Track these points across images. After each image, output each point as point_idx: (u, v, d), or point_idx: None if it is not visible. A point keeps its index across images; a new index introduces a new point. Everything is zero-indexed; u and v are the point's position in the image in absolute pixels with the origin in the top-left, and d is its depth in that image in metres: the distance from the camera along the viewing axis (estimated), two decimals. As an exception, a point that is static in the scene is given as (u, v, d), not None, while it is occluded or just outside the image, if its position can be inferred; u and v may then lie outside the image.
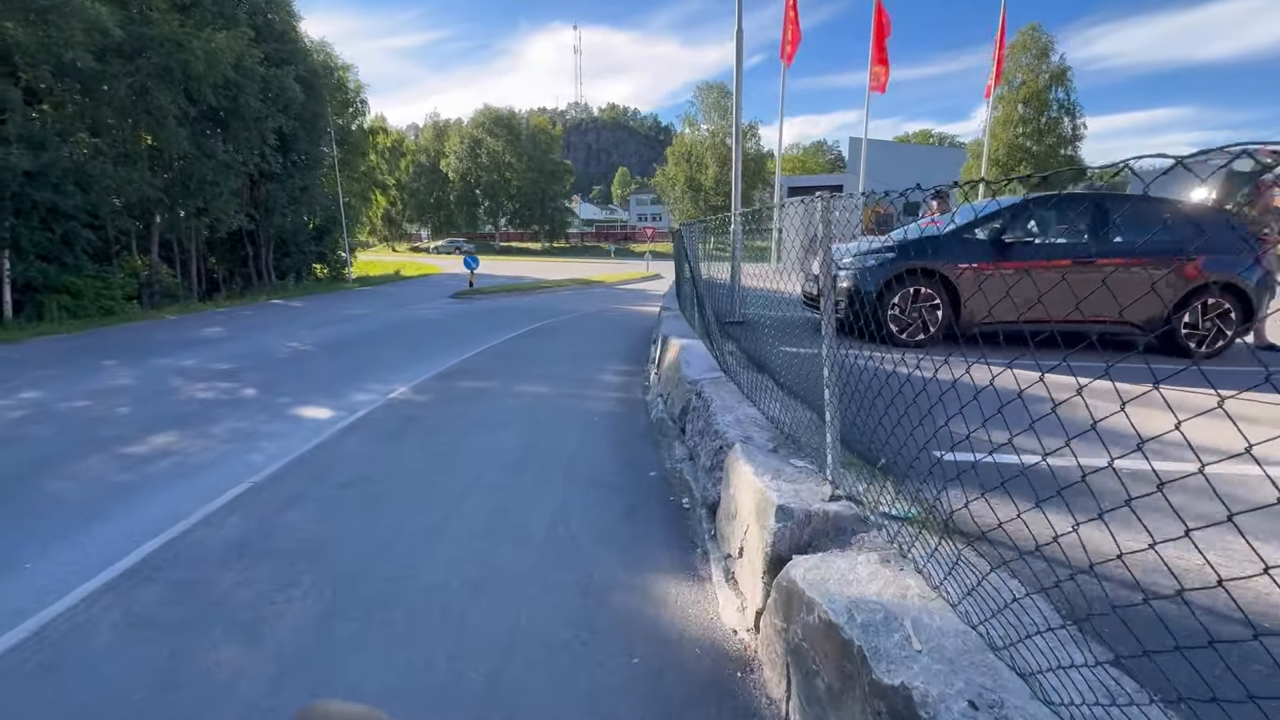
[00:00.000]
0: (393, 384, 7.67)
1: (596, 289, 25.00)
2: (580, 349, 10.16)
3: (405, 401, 6.63)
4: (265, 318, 15.84)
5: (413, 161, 68.83)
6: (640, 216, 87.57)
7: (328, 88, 26.51)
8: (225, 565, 3.13)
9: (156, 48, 15.82)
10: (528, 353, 9.81)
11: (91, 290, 17.68)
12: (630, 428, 5.53)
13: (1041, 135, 43.17)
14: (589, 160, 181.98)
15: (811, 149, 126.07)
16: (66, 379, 8.47)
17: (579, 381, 7.52)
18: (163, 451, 5.32)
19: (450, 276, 30.47)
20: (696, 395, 4.23)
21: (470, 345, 10.66)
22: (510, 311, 16.63)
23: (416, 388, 7.29)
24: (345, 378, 8.19)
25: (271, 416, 6.43)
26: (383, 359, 9.63)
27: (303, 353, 10.36)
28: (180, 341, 11.88)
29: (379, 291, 24.27)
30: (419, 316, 15.60)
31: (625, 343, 10.90)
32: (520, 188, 64.53)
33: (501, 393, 6.92)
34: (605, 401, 6.51)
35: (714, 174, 53.89)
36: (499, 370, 8.26)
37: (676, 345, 5.76)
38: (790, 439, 3.24)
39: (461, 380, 7.66)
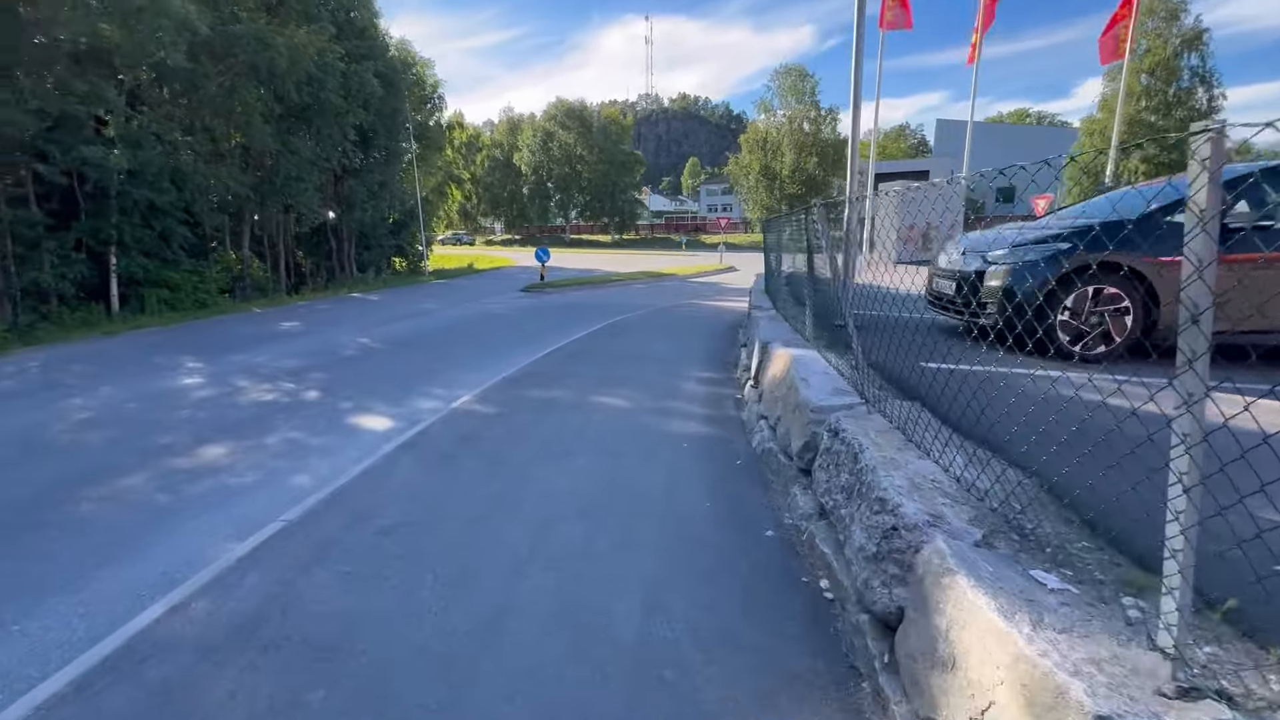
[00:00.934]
0: (456, 390, 7.01)
1: (669, 282, 24.01)
2: (658, 350, 9.23)
3: (467, 413, 5.90)
4: (341, 311, 15.89)
5: (488, 156, 70.13)
6: (710, 207, 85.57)
7: (406, 83, 26.78)
8: (223, 660, 2.39)
9: (244, 46, 16.09)
10: (601, 354, 8.98)
11: (188, 284, 18.42)
12: (727, 458, 4.53)
13: (1170, 108, 38.27)
14: (659, 151, 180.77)
15: (893, 134, 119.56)
16: (142, 376, 8.37)
17: (660, 392, 6.58)
18: (208, 468, 4.81)
19: (522, 270, 30.34)
20: (831, 433, 3.18)
21: (541, 344, 9.95)
22: (581, 307, 15.94)
23: (481, 395, 6.58)
24: (409, 380, 7.63)
25: (328, 425, 5.87)
26: (450, 358, 9.07)
27: (371, 350, 9.98)
28: (258, 336, 11.87)
29: (453, 285, 24.31)
30: (490, 311, 15.17)
31: (706, 343, 9.87)
32: (591, 180, 64.28)
33: (573, 405, 6.08)
34: (693, 420, 5.53)
35: (791, 161, 51.43)
36: (570, 375, 7.45)
37: (784, 356, 4.69)
38: (1010, 523, 2.15)
39: (530, 387, 6.90)
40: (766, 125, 53.58)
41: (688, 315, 13.88)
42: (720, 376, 7.38)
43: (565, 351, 9.23)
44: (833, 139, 52.16)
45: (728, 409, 5.88)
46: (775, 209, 53.62)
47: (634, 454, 4.64)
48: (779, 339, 5.62)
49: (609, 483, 4.08)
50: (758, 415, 5.08)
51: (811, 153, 51.12)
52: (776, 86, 52.61)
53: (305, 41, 17.24)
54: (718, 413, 5.74)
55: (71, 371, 8.96)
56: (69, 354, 10.51)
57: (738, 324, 12.18)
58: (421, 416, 5.94)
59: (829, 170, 51.73)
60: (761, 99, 53.69)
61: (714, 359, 8.55)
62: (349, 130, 21.45)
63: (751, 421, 5.25)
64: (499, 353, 9.37)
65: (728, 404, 6.06)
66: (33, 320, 13.64)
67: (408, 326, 12.61)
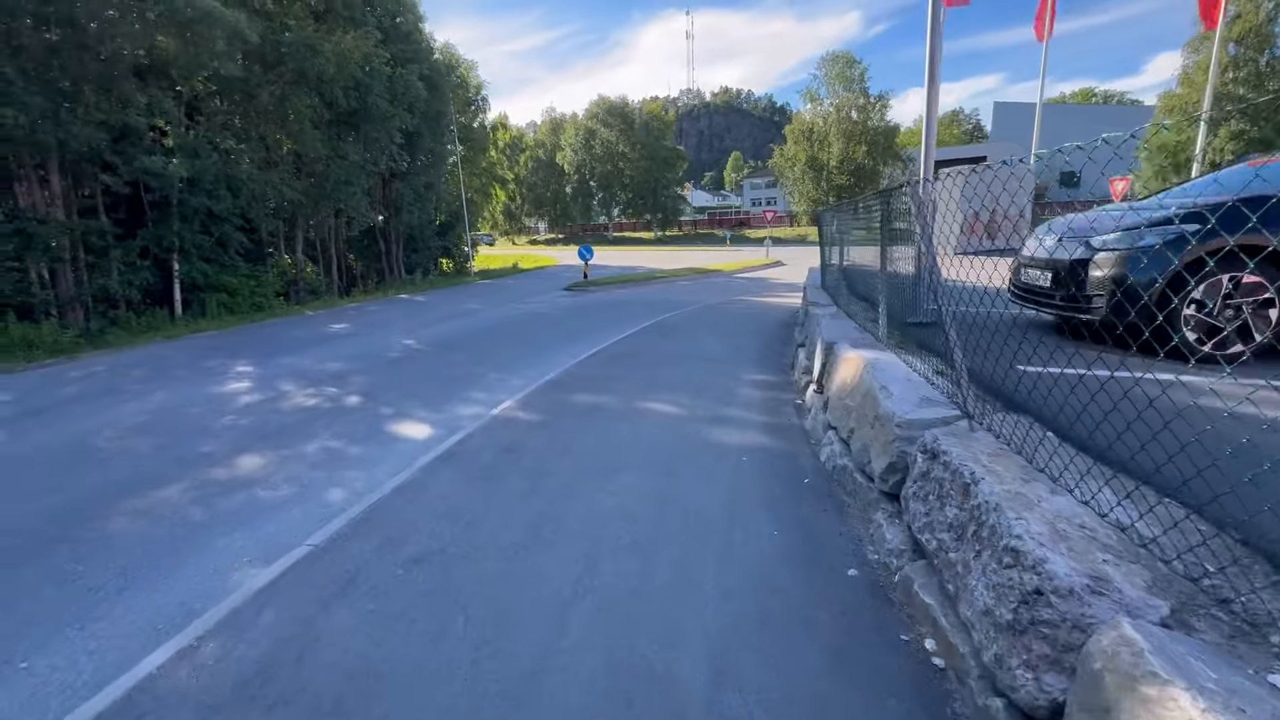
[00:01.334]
0: (498, 394, 6.73)
1: (714, 278, 23.42)
2: (707, 350, 8.75)
3: (508, 421, 5.58)
4: (389, 313, 16.00)
5: (531, 157, 70.76)
6: (754, 201, 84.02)
7: (450, 86, 27.02)
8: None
9: (293, 54, 16.39)
10: (648, 355, 8.56)
11: (245, 288, 18.98)
12: (793, 475, 4.04)
13: (1263, 79, 35.07)
14: (700, 146, 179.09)
15: (945, 119, 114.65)
16: (195, 380, 8.45)
17: (712, 396, 6.11)
18: (245, 479, 4.63)
19: (566, 268, 30.26)
20: (927, 455, 2.66)
21: (585, 344, 9.62)
22: (626, 305, 15.58)
23: (524, 400, 6.26)
24: (451, 384, 7.40)
25: (367, 433, 5.66)
26: (493, 360, 8.83)
27: (415, 352, 9.86)
28: (308, 339, 11.98)
29: (497, 285, 24.37)
30: (533, 311, 14.98)
31: (758, 342, 9.32)
32: (633, 177, 64.00)
33: (620, 412, 5.68)
34: (751, 429, 5.05)
35: (839, 151, 49.80)
36: (616, 379, 7.06)
37: (856, 360, 4.16)
38: (1204, 591, 1.62)
39: (574, 392, 6.54)
40: (813, 115, 52.05)
41: (737, 312, 13.33)
42: (777, 379, 6.85)
43: (610, 353, 8.86)
44: (882, 126, 50.27)
45: (788, 416, 5.37)
46: (822, 201, 52.03)
47: (688, 470, 4.20)
48: (845, 339, 5.07)
49: (661, 504, 3.66)
50: (824, 425, 4.56)
51: (860, 141, 49.36)
52: (823, 75, 51.00)
53: (351, 47, 17.46)
54: (777, 421, 5.24)
55: (131, 376, 9.15)
56: (132, 359, 10.79)
57: (790, 321, 11.57)
58: (461, 424, 5.66)
59: (878, 159, 49.88)
60: (808, 88, 52.18)
61: (768, 359, 8.01)
62: (395, 134, 21.70)
63: (817, 431, 4.73)
64: (542, 354, 9.09)
65: (787, 410, 5.54)
66: (103, 325, 14.21)
67: (452, 327, 12.51)
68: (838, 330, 5.52)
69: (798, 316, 10.48)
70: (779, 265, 28.20)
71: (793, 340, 9.20)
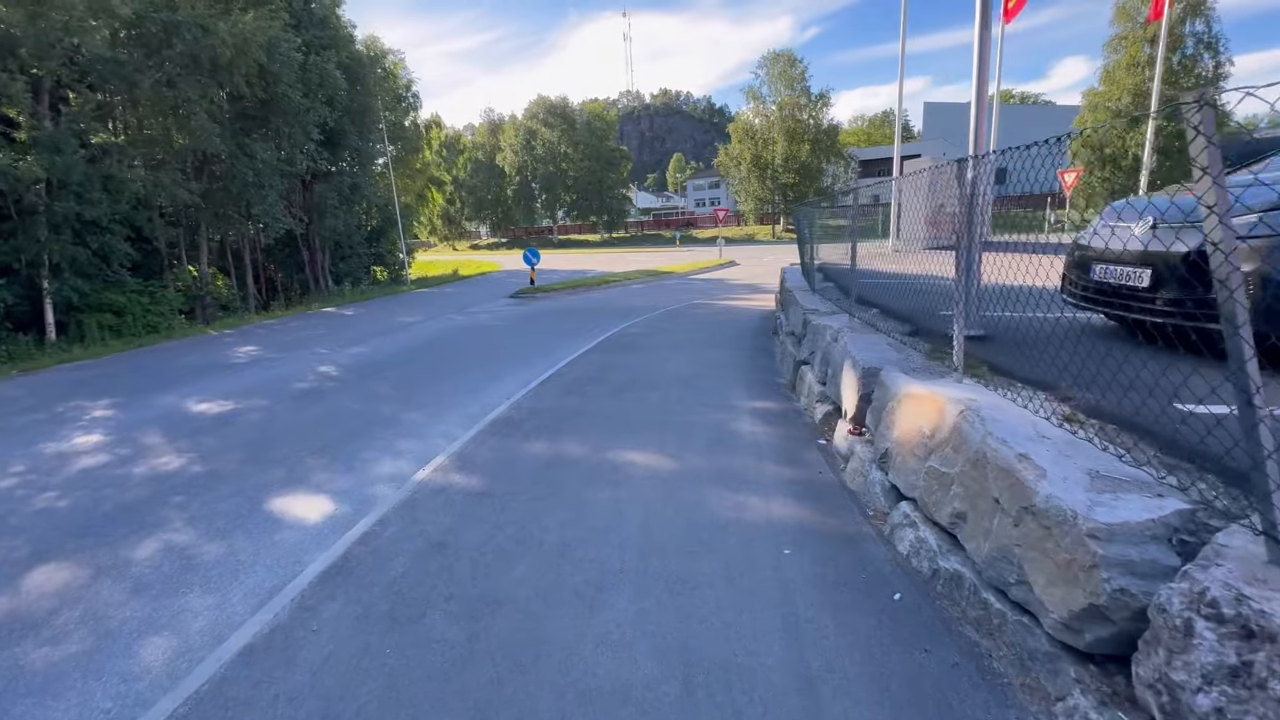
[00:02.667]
0: (429, 443, 5.18)
1: (670, 280, 22.22)
2: (683, 368, 7.43)
3: (440, 491, 4.06)
4: (309, 330, 13.96)
5: (469, 159, 68.02)
6: (698, 202, 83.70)
7: (375, 79, 24.78)
8: None
9: (181, 34, 14.11)
10: (614, 377, 7.15)
11: (136, 307, 16.46)
12: (869, 586, 2.71)
13: (1176, 77, 36.84)
14: (642, 148, 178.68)
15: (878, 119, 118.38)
16: (28, 432, 6.48)
17: (707, 437, 4.77)
18: (7, 628, 2.96)
19: (510, 274, 28.47)
20: (1226, 626, 1.41)
21: (537, 364, 8.13)
22: (580, 313, 14.10)
23: (461, 454, 4.74)
24: (368, 429, 5.78)
25: (237, 517, 4.02)
26: (425, 390, 7.21)
27: (330, 381, 8.11)
28: (203, 367, 9.95)
29: (436, 293, 22.39)
30: (476, 323, 13.29)
31: (737, 354, 8.07)
32: (577, 178, 62.31)
33: (591, 470, 4.25)
34: (774, 492, 3.73)
35: (783, 150, 49.71)
36: (580, 415, 5.63)
37: (936, 402, 2.90)
38: None
39: (528, 438, 5.06)
40: (756, 114, 51.85)
41: (703, 319, 12.08)
42: (778, 407, 5.58)
43: (568, 375, 7.39)
44: (825, 125, 50.50)
45: (815, 466, 4.08)
46: (768, 199, 51.86)
47: (708, 580, 2.82)
48: (887, 361, 3.84)
49: (684, 666, 2.26)
50: (884, 488, 3.28)
51: (804, 140, 49.44)
52: (765, 74, 50.89)
53: (253, 29, 15.27)
54: (805, 475, 3.94)
55: (-54, 429, 7.05)
56: (-41, 403, 8.56)
57: (765, 328, 10.40)
58: (374, 497, 4.10)
59: (822, 157, 50.07)
60: (750, 87, 51.95)
61: (758, 378, 6.75)
62: (312, 130, 19.45)
63: (870, 494, 3.45)
64: (486, 379, 7.54)
65: (811, 457, 4.25)
66: (-59, 359, 11.68)
67: (380, 347, 10.73)
68: (870, 349, 4.28)
69: (776, 322, 9.31)
70: (733, 265, 27.30)
71: (777, 352, 8.00)
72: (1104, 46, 39.78)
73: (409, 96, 32.63)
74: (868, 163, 56.85)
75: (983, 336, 4.31)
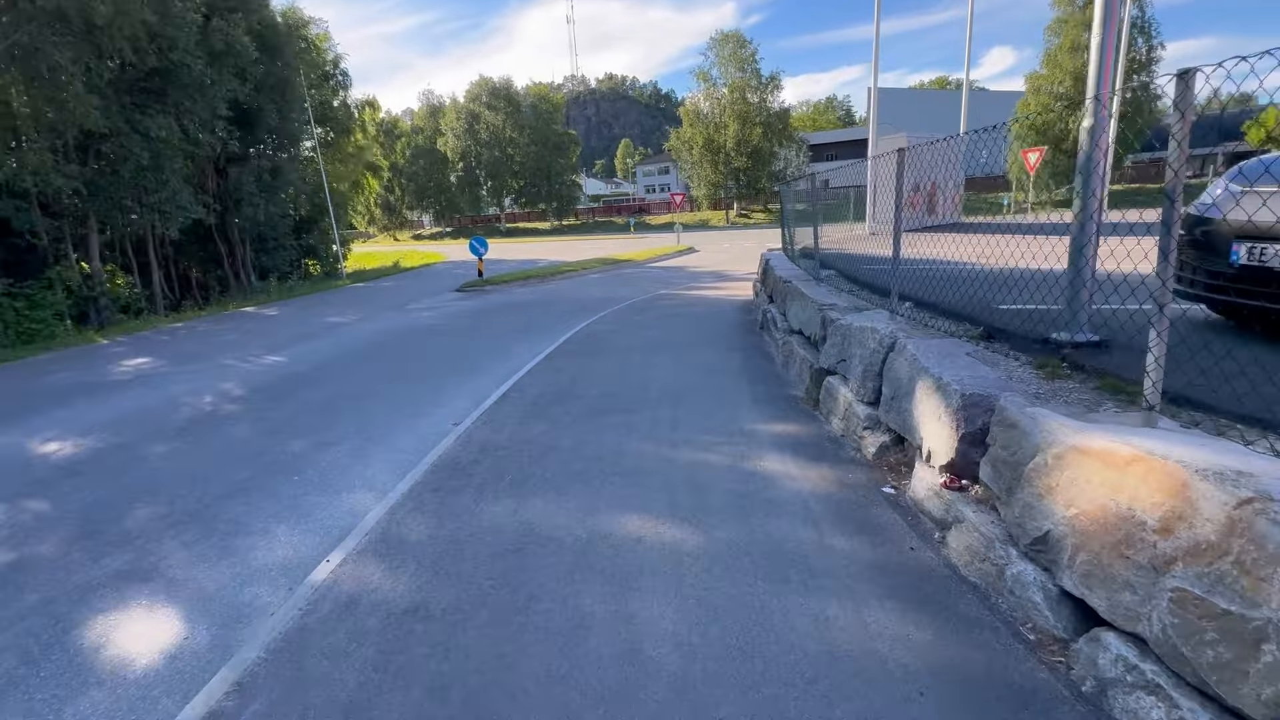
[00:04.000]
0: (345, 502, 3.78)
1: (628, 269, 20.92)
2: (670, 376, 6.19)
3: (344, 615, 2.67)
4: (219, 336, 12.01)
5: (409, 144, 64.40)
6: (648, 188, 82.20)
7: (295, 51, 22.28)
8: None
9: (42, -13, 11.76)
10: (588, 392, 5.84)
11: (9, 312, 14.05)
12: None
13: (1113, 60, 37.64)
14: (590, 134, 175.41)
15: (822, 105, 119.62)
16: None
17: (733, 490, 3.54)
18: None
19: (456, 265, 26.55)
20: None
21: (490, 375, 6.73)
22: (536, 307, 12.64)
23: (384, 533, 3.35)
24: (264, 480, 4.30)
25: (30, 661, 2.56)
26: (347, 417, 5.72)
27: (229, 405, 6.49)
28: (67, 389, 8.07)
29: (374, 289, 20.39)
30: (418, 323, 11.67)
31: (726, 356, 6.88)
32: (524, 163, 59.78)
33: (580, 564, 2.90)
34: (864, 593, 2.50)
35: (735, 133, 48.84)
36: (550, 455, 4.32)
37: (1158, 469, 1.80)
38: None
39: (482, 497, 3.71)
40: (707, 96, 50.73)
41: (674, 312, 10.86)
42: (805, 431, 4.40)
43: (528, 390, 6.04)
44: (776, 109, 49.84)
45: (896, 535, 2.91)
46: (721, 184, 50.96)
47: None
48: (1003, 388, 2.70)
49: None
50: (1062, 601, 2.13)
51: (756, 124, 48.67)
52: (715, 55, 49.74)
53: (133, -19, 12.96)
54: (891, 555, 2.75)
55: None
56: None
57: (748, 322, 9.26)
58: (240, 628, 2.70)
59: (774, 141, 49.44)
60: (700, 69, 50.73)
61: (764, 389, 5.57)
62: (220, 105, 17.10)
63: (1022, 602, 2.30)
64: (426, 398, 6.10)
65: (882, 516, 3.08)
66: None
67: (300, 355, 9.04)
68: (952, 363, 3.13)
69: (764, 317, 8.17)
70: (693, 252, 26.21)
71: (775, 353, 6.85)
72: (1045, 30, 40.43)
73: (337, 74, 29.95)
74: (818, 147, 56.67)
75: (1098, 343, 3.23)
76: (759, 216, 52.75)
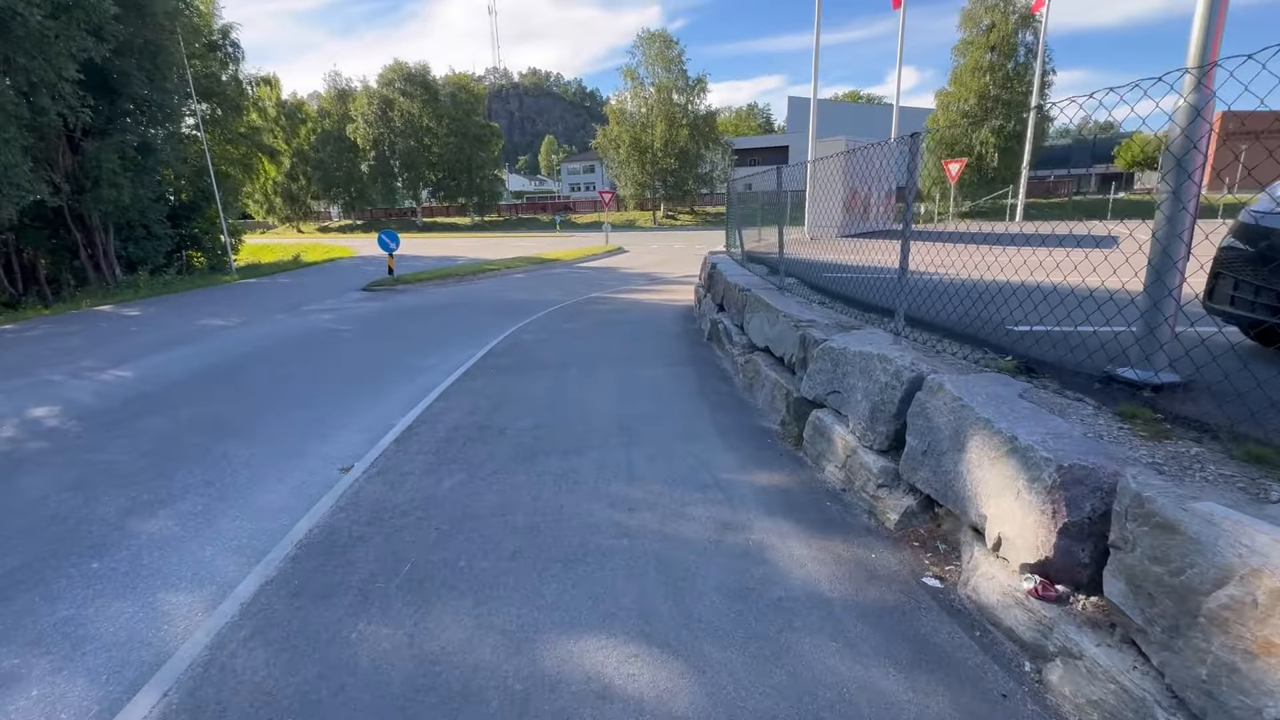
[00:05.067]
0: (154, 614, 2.54)
1: (556, 269, 19.74)
2: (614, 401, 5.21)
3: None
4: (56, 340, 9.82)
5: (315, 129, 59.55)
6: (573, 186, 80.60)
7: (169, 11, 19.38)
8: None
9: None
10: (515, 424, 4.75)
11: None
12: None
13: (1012, 82, 40.36)
14: (512, 129, 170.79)
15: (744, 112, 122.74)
16: None
17: (724, 583, 2.59)
18: None
19: (366, 260, 24.34)
20: None
21: (392, 399, 5.48)
22: (450, 311, 11.26)
23: (191, 700, 2.19)
24: (46, 575, 2.95)
25: None
26: (190, 465, 4.33)
27: (37, 441, 4.87)
28: None
29: (268, 285, 18.08)
30: (312, 327, 10.02)
31: (681, 373, 5.98)
32: (442, 155, 56.66)
33: None
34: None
35: (663, 133, 48.45)
36: (467, 527, 3.22)
37: None
38: None
39: (364, 609, 2.57)
40: (634, 95, 50.03)
41: (611, 318, 9.88)
42: (794, 482, 3.55)
43: (440, 423, 4.86)
44: (704, 111, 49.85)
45: (963, 661, 2.06)
46: (648, 184, 50.38)
47: None
48: (1141, 470, 1.93)
49: None
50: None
51: (682, 125, 48.48)
52: (642, 54, 49.11)
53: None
54: (971, 705, 1.93)
55: None
56: None
57: (690, 332, 8.43)
58: None
59: (701, 143, 49.42)
60: (627, 66, 49.96)
61: (729, 418, 4.70)
62: (67, 65, 14.41)
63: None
64: (305, 432, 4.79)
65: (938, 632, 2.23)
66: None
67: (154, 370, 7.32)
68: (1012, 413, 2.35)
69: (717, 328, 7.36)
70: (622, 252, 25.30)
71: (733, 369, 6.03)
72: (952, 51, 42.64)
73: (226, 45, 26.78)
74: (742, 151, 57.32)
75: (1182, 384, 2.55)
76: (685, 219, 52.67)
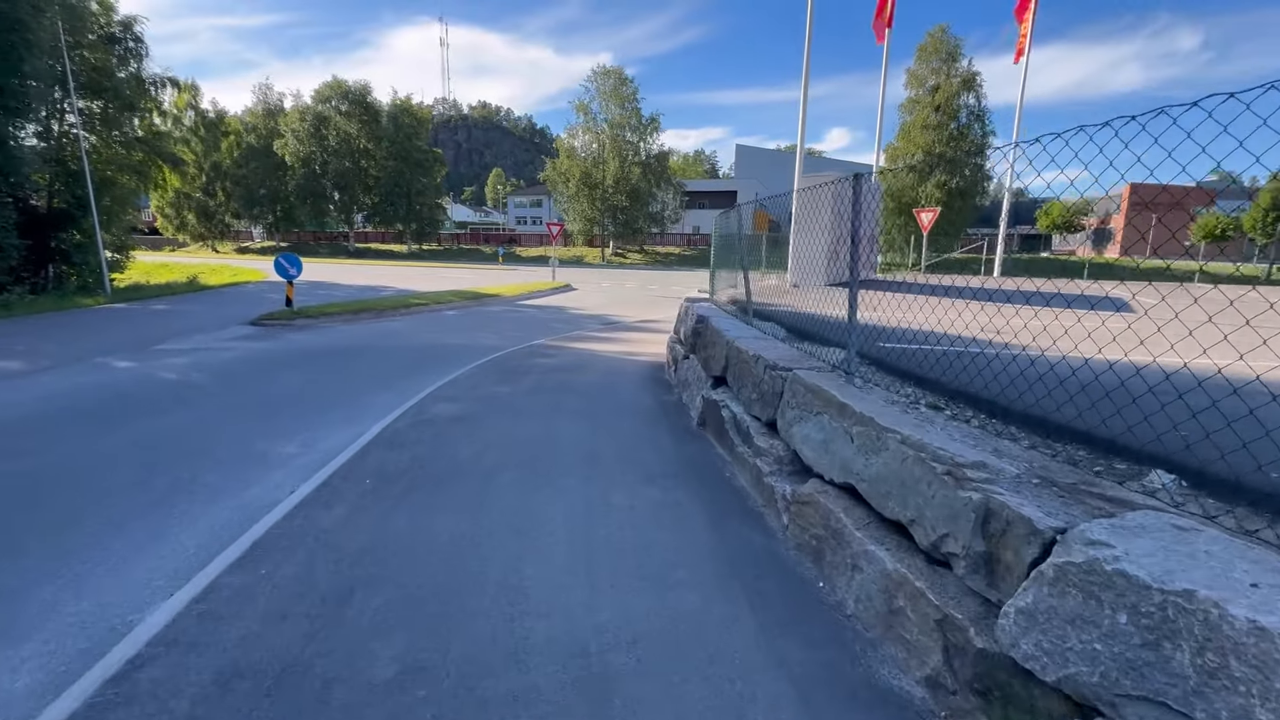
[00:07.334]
0: None
1: (495, 307, 17.37)
2: (593, 599, 3.02)
3: None
4: None
5: (237, 143, 55.20)
6: (519, 219, 78.42)
7: (42, -14, 16.25)
8: None
9: None
10: (383, 653, 2.45)
11: None
12: None
13: (955, 141, 41.58)
14: (459, 160, 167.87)
15: (692, 158, 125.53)
16: None
17: None
18: None
19: (273, 287, 21.14)
20: None
21: (203, 538, 3.03)
22: (353, 359, 8.72)
23: None
24: None
25: None
26: None
27: None
28: None
29: (136, 312, 14.79)
30: (141, 379, 7.25)
31: (684, 507, 3.84)
32: (380, 178, 53.41)
33: None
34: None
35: (615, 170, 47.30)
36: None
37: None
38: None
39: None
40: (586, 129, 48.91)
41: (561, 382, 7.64)
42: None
43: (280, 586, 2.49)
44: (656, 150, 49.19)
45: None
46: (598, 220, 48.90)
47: None
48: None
49: None
50: None
51: (634, 163, 47.58)
52: (596, 89, 48.22)
53: None
54: None
55: None
56: None
57: (667, 406, 6.31)
58: None
59: (652, 182, 48.55)
60: (579, 100, 48.90)
61: (795, 644, 2.59)
62: None
63: None
64: (53, 602, 2.31)
65: None
66: None
67: None
68: None
69: (691, 399, 5.26)
70: (570, 290, 23.17)
71: (741, 485, 3.92)
72: (899, 108, 43.81)
73: (128, 39, 23.54)
74: (693, 194, 57.03)
75: None
76: (635, 257, 51.30)
